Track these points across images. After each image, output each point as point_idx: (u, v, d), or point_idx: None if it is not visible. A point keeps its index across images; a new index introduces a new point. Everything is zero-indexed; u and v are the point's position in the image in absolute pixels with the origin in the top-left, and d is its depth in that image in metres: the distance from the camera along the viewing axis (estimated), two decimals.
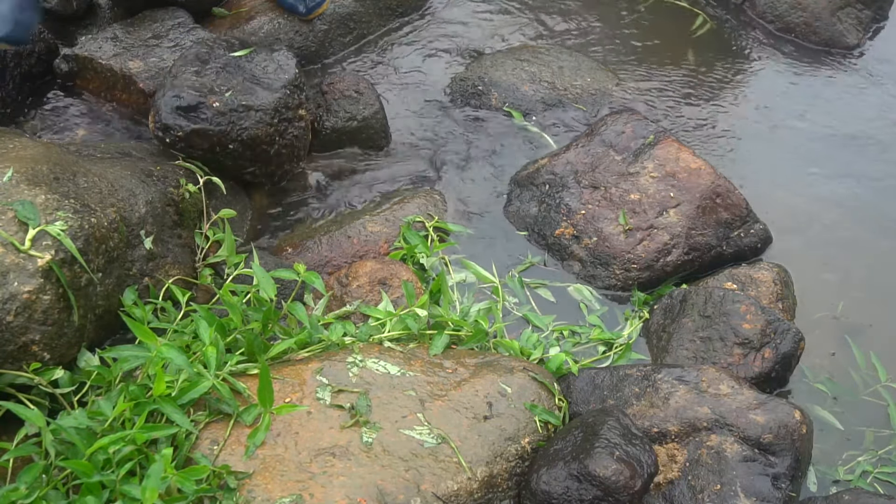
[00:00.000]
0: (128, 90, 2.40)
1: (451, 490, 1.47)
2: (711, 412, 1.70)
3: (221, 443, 1.45)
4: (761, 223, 2.28)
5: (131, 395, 1.47)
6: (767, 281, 2.10)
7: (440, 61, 2.80)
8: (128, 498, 1.34)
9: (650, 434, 1.69)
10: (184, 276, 1.88)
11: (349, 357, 1.66)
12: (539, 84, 2.68)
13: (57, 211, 1.59)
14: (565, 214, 2.28)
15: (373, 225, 2.19)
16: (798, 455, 1.67)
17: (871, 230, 2.43)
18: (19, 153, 1.69)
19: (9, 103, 2.34)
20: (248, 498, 1.38)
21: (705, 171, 2.25)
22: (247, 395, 1.53)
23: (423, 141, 2.53)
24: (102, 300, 1.66)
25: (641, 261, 2.18)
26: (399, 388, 1.62)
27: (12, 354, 1.49)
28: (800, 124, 2.76)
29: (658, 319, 2.07)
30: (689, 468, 1.65)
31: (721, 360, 1.90)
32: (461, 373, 1.69)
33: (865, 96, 2.89)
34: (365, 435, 1.51)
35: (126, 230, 1.75)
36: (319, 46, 2.69)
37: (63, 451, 1.41)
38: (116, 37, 2.47)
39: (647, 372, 1.80)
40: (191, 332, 1.71)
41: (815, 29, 3.06)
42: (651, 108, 2.70)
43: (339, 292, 1.97)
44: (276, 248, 2.14)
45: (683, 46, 2.99)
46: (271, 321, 1.74)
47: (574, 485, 1.47)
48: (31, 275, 1.50)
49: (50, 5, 2.55)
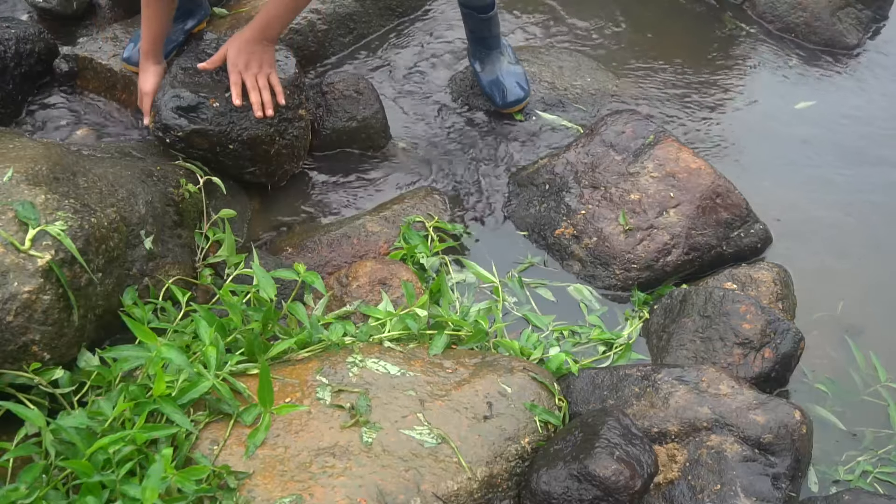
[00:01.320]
0: (128, 90, 2.40)
1: (451, 490, 1.47)
2: (711, 412, 1.70)
3: (221, 443, 1.45)
4: (761, 223, 2.28)
5: (131, 395, 1.47)
6: (767, 281, 2.10)
7: (440, 61, 2.80)
8: (128, 498, 1.34)
9: (650, 434, 1.69)
10: (184, 276, 1.88)
11: (349, 357, 1.66)
12: (539, 84, 2.68)
13: (57, 211, 1.59)
14: (565, 214, 2.28)
15: (373, 225, 2.19)
16: (798, 455, 1.67)
17: (871, 230, 2.43)
18: (19, 153, 1.69)
19: (9, 103, 2.34)
20: (248, 498, 1.38)
21: (705, 171, 2.25)
22: (247, 395, 1.53)
23: (423, 141, 2.53)
24: (102, 300, 1.66)
25: (641, 261, 2.18)
26: (399, 388, 1.62)
27: (12, 354, 1.49)
28: (800, 124, 2.76)
29: (658, 319, 2.07)
30: (689, 468, 1.65)
31: (721, 360, 1.90)
32: (461, 373, 1.69)
33: (865, 96, 2.89)
34: (365, 435, 1.51)
35: (126, 230, 1.75)
36: (319, 46, 2.69)
37: (63, 451, 1.41)
38: (116, 37, 2.47)
39: (647, 372, 1.80)
40: (191, 332, 1.71)
41: (815, 29, 3.06)
42: (651, 108, 2.70)
43: (339, 292, 1.98)
44: (276, 248, 2.14)
45: (684, 47, 2.99)
46: (271, 321, 1.74)
47: (574, 485, 1.47)
48: (31, 275, 1.50)
49: (50, 5, 2.55)
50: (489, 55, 2.56)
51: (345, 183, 2.38)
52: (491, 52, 2.56)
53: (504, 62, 2.58)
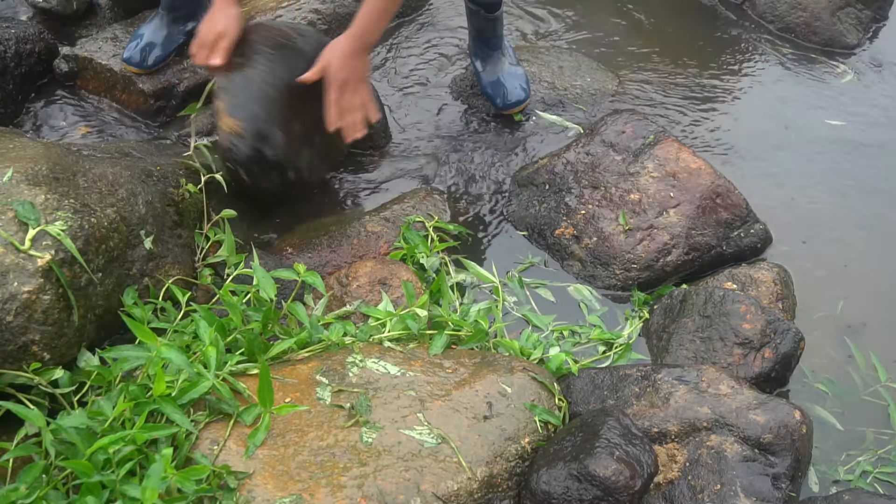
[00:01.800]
0: (128, 90, 2.40)
1: (451, 490, 1.47)
2: (711, 412, 1.70)
3: (221, 443, 1.45)
4: (761, 223, 2.28)
5: (131, 395, 1.47)
6: (767, 281, 2.10)
7: (440, 62, 2.80)
8: (128, 498, 1.34)
9: (650, 434, 1.69)
10: (184, 276, 1.88)
11: (349, 357, 1.66)
12: (539, 84, 2.68)
13: (57, 211, 1.59)
14: (565, 214, 2.28)
15: (373, 225, 2.19)
16: (798, 455, 1.67)
17: (871, 231, 2.43)
18: (19, 153, 1.69)
19: (9, 103, 2.34)
20: (248, 498, 1.38)
21: (705, 171, 2.25)
22: (247, 395, 1.53)
23: (423, 141, 2.53)
24: (102, 300, 1.66)
25: (641, 261, 2.18)
26: (399, 388, 1.62)
27: (12, 354, 1.49)
28: (800, 124, 2.76)
29: (658, 319, 2.07)
30: (689, 468, 1.65)
31: (721, 360, 1.90)
32: (461, 373, 1.69)
33: (866, 96, 2.89)
34: (365, 435, 1.51)
35: (126, 230, 1.75)
36: None
37: (63, 451, 1.41)
38: (116, 37, 2.47)
39: (647, 372, 1.80)
40: (191, 332, 1.71)
41: (815, 29, 3.07)
42: (651, 108, 2.70)
43: (339, 292, 1.98)
44: (276, 248, 2.14)
45: (684, 47, 2.99)
46: (271, 321, 1.74)
47: (574, 485, 1.47)
48: (31, 275, 1.50)
49: (50, 5, 2.55)
50: (491, 55, 2.56)
51: (345, 183, 2.38)
52: (493, 53, 2.56)
53: (505, 63, 2.57)
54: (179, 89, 2.40)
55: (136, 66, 2.37)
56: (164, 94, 2.39)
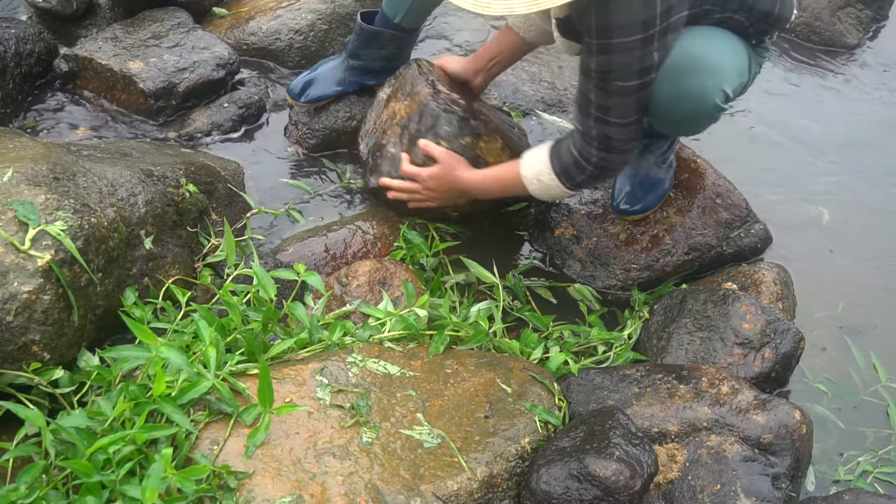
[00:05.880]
0: (128, 90, 2.40)
1: (451, 490, 1.47)
2: (711, 412, 1.70)
3: (221, 443, 1.45)
4: (761, 223, 2.28)
5: (131, 395, 1.47)
6: (767, 281, 2.10)
7: None
8: (128, 498, 1.34)
9: (650, 434, 1.69)
10: (184, 276, 1.88)
11: (349, 357, 1.66)
12: (539, 84, 2.68)
13: (57, 211, 1.59)
14: (565, 214, 2.28)
15: (373, 225, 2.19)
16: (798, 455, 1.67)
17: (871, 230, 2.43)
18: (19, 153, 1.69)
19: (9, 103, 2.34)
20: (248, 498, 1.38)
21: (705, 171, 2.25)
22: (247, 395, 1.53)
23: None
24: (102, 300, 1.66)
25: (641, 261, 2.18)
26: (399, 388, 1.62)
27: (12, 354, 1.49)
28: (800, 124, 2.76)
29: (658, 319, 2.07)
30: (689, 468, 1.65)
31: (721, 360, 1.90)
32: (461, 373, 1.69)
33: (866, 96, 2.89)
34: (365, 435, 1.51)
35: (126, 230, 1.75)
36: (319, 46, 2.68)
37: (63, 451, 1.41)
38: (116, 37, 2.47)
39: (647, 372, 1.80)
40: (191, 332, 1.70)
41: (815, 29, 3.07)
42: None
43: (338, 292, 1.98)
44: (276, 248, 2.14)
45: None
46: (271, 321, 1.74)
47: (574, 485, 1.47)
48: (31, 275, 1.50)
49: (50, 5, 2.55)
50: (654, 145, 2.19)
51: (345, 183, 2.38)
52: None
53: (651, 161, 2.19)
54: (179, 89, 2.40)
55: (292, 96, 2.38)
56: (164, 94, 2.39)
